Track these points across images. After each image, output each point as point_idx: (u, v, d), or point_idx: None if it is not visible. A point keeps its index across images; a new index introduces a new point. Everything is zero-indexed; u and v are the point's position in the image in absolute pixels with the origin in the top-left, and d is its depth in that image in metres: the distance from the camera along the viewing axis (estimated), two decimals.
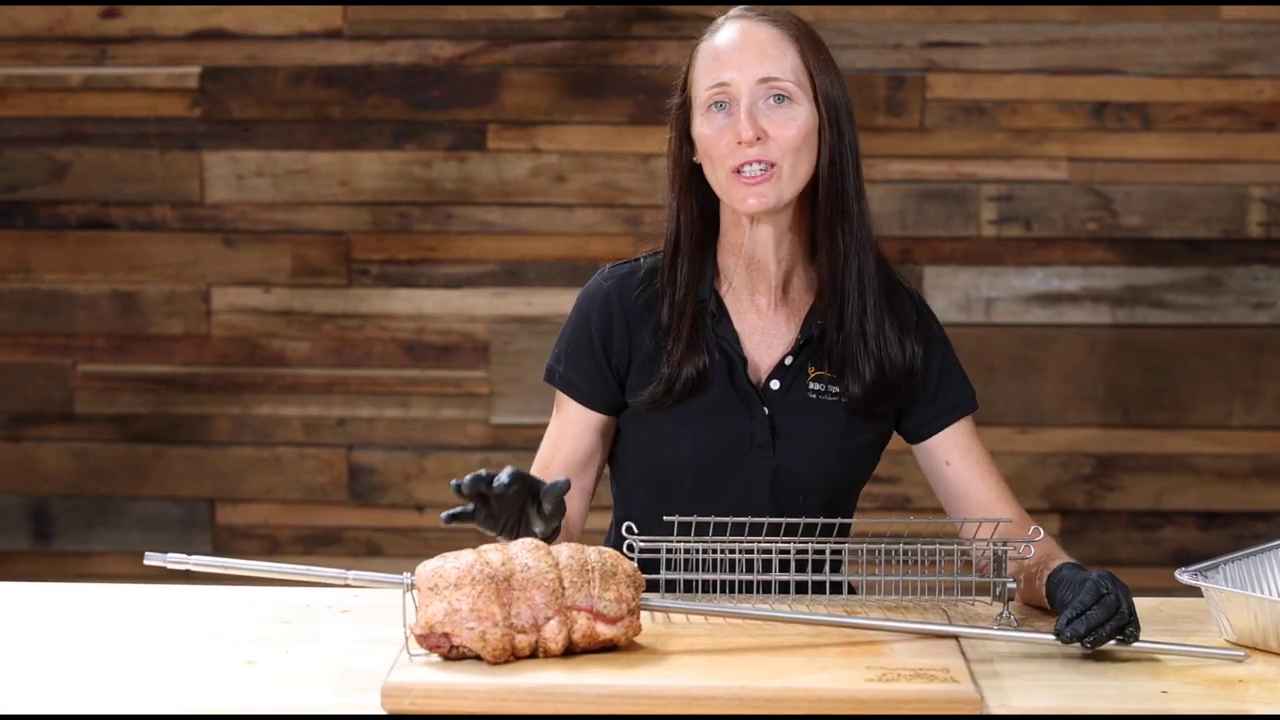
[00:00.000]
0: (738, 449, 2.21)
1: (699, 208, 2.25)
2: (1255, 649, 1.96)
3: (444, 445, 4.04)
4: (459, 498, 1.97)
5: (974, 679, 1.81)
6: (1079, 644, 1.90)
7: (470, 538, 2.02)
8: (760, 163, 2.14)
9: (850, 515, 2.27)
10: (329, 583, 1.92)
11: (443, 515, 1.99)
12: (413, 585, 1.87)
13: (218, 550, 4.02)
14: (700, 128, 2.19)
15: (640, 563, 2.00)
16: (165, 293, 4.05)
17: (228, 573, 1.92)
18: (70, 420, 4.08)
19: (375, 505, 4.06)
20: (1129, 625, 1.91)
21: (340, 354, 4.04)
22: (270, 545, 4.06)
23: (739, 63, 2.16)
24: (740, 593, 2.06)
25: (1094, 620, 1.89)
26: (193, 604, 2.14)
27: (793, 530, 2.07)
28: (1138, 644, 1.92)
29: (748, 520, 2.06)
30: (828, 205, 2.20)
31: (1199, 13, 3.90)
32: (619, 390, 2.25)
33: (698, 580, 2.06)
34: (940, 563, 2.07)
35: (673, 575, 2.06)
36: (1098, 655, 1.93)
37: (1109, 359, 3.97)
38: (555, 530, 2.04)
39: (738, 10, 2.22)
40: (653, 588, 2.02)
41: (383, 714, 1.76)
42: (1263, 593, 2.04)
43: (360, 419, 4.05)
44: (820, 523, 2.07)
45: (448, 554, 1.89)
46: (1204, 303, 3.95)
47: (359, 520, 4.07)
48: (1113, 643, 1.91)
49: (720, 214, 2.25)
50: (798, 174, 2.17)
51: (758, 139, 2.14)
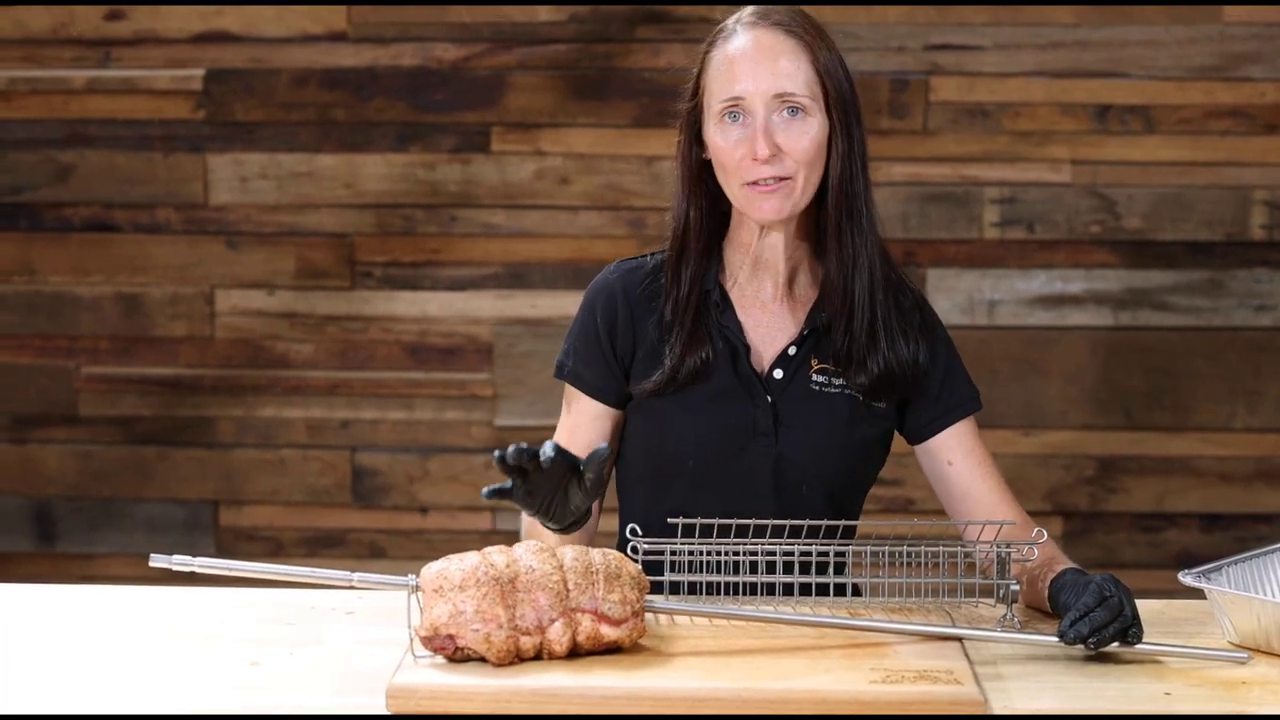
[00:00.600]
0: (740, 437, 2.21)
1: (708, 204, 2.25)
2: (1258, 651, 1.96)
3: (448, 447, 4.04)
4: (501, 470, 1.95)
5: (978, 681, 1.81)
6: (1082, 646, 1.90)
7: (475, 540, 2.02)
8: (772, 176, 2.16)
9: (856, 516, 2.27)
10: (333, 584, 1.92)
11: (484, 490, 1.99)
12: (417, 587, 1.88)
13: (221, 552, 4.02)
14: (714, 137, 2.19)
15: (644, 565, 2.01)
16: (169, 295, 4.05)
17: (232, 574, 1.92)
18: (74, 422, 4.09)
19: (379, 507, 4.06)
20: (1132, 627, 1.91)
21: (344, 356, 4.04)
22: (274, 547, 4.06)
23: (754, 75, 2.16)
24: (744, 595, 2.06)
25: (1097, 622, 1.90)
26: (196, 606, 2.14)
27: (796, 532, 2.08)
28: (1141, 646, 1.92)
29: (751, 522, 2.07)
30: (837, 210, 2.21)
31: (1201, 15, 3.90)
32: (625, 382, 2.26)
33: (702, 582, 2.06)
34: (944, 565, 2.07)
35: (677, 577, 2.06)
36: (1101, 657, 1.93)
37: (1111, 361, 3.97)
38: (586, 514, 2.04)
39: (749, 15, 2.21)
40: (657, 589, 2.03)
41: (387, 715, 1.77)
42: (1266, 595, 2.04)
43: (364, 421, 4.05)
44: (824, 525, 2.07)
45: (452, 556, 1.89)
46: (1206, 305, 3.95)
47: (362, 522, 4.07)
48: (1116, 645, 1.92)
49: (731, 213, 2.26)
50: (811, 184, 2.19)
51: (772, 155, 2.15)
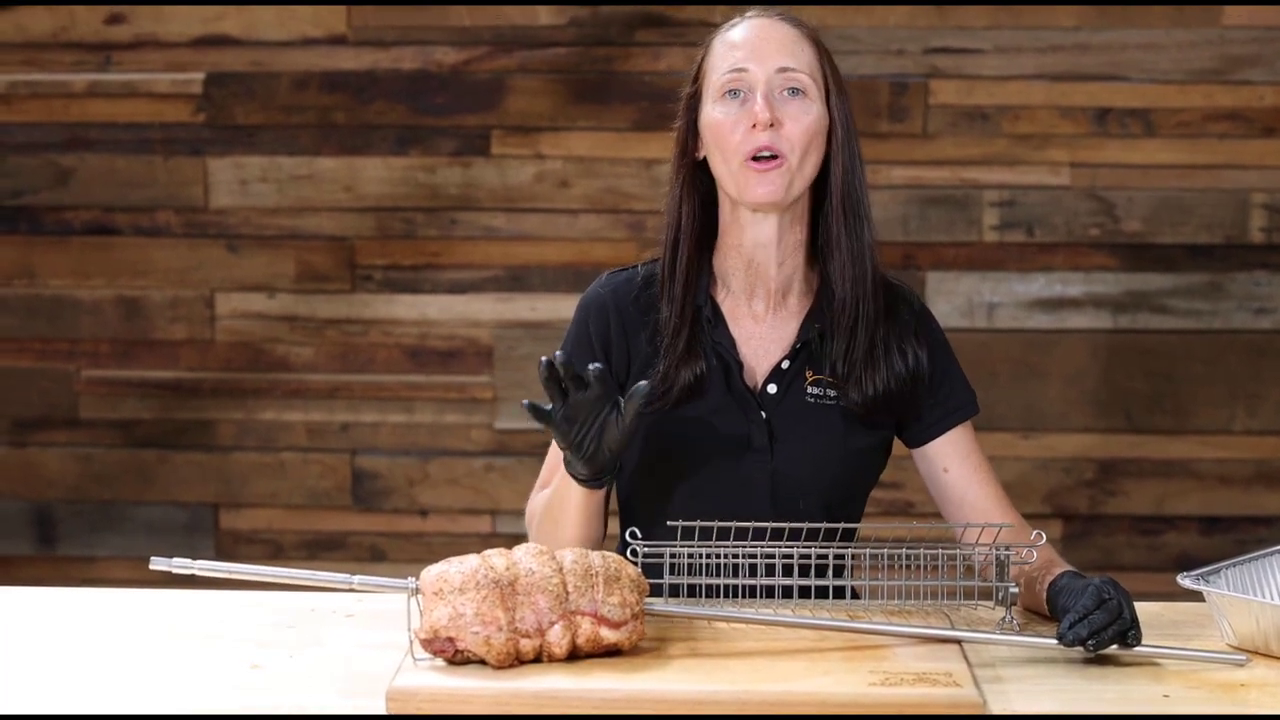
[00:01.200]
0: (735, 453, 2.21)
1: (700, 203, 2.25)
2: (1257, 653, 1.96)
3: (447, 450, 4.04)
4: (545, 384, 1.99)
5: (977, 683, 1.82)
6: (1081, 648, 1.90)
7: (474, 543, 2.03)
8: (770, 150, 2.15)
9: (856, 520, 2.27)
10: (334, 587, 1.92)
11: (525, 402, 2.02)
12: (417, 590, 1.88)
13: (221, 555, 4.02)
14: (712, 113, 2.18)
15: (644, 567, 2.01)
16: (169, 298, 4.06)
17: (233, 577, 1.92)
18: (74, 425, 4.09)
19: (379, 510, 4.06)
20: (1131, 630, 1.92)
21: (344, 359, 4.05)
22: (274, 550, 4.06)
23: (758, 53, 2.17)
24: (743, 597, 2.07)
25: (1096, 624, 1.90)
26: (196, 608, 2.14)
27: (796, 535, 2.08)
28: (1140, 648, 1.92)
29: (751, 525, 2.07)
30: (842, 206, 2.20)
31: (1201, 19, 3.90)
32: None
33: (701, 585, 2.07)
34: (943, 568, 2.07)
35: (676, 580, 2.06)
36: (1100, 659, 1.93)
37: (1111, 364, 3.97)
38: (614, 466, 2.08)
39: (754, 11, 2.23)
40: (656, 592, 2.03)
41: (387, 717, 1.77)
42: (1264, 597, 2.04)
43: (364, 424, 4.05)
44: (823, 528, 2.07)
45: (452, 559, 1.90)
46: (1206, 308, 3.95)
47: (362, 525, 4.07)
48: (1115, 647, 1.92)
49: (719, 215, 2.25)
50: (805, 170, 2.18)
51: (771, 125, 2.14)
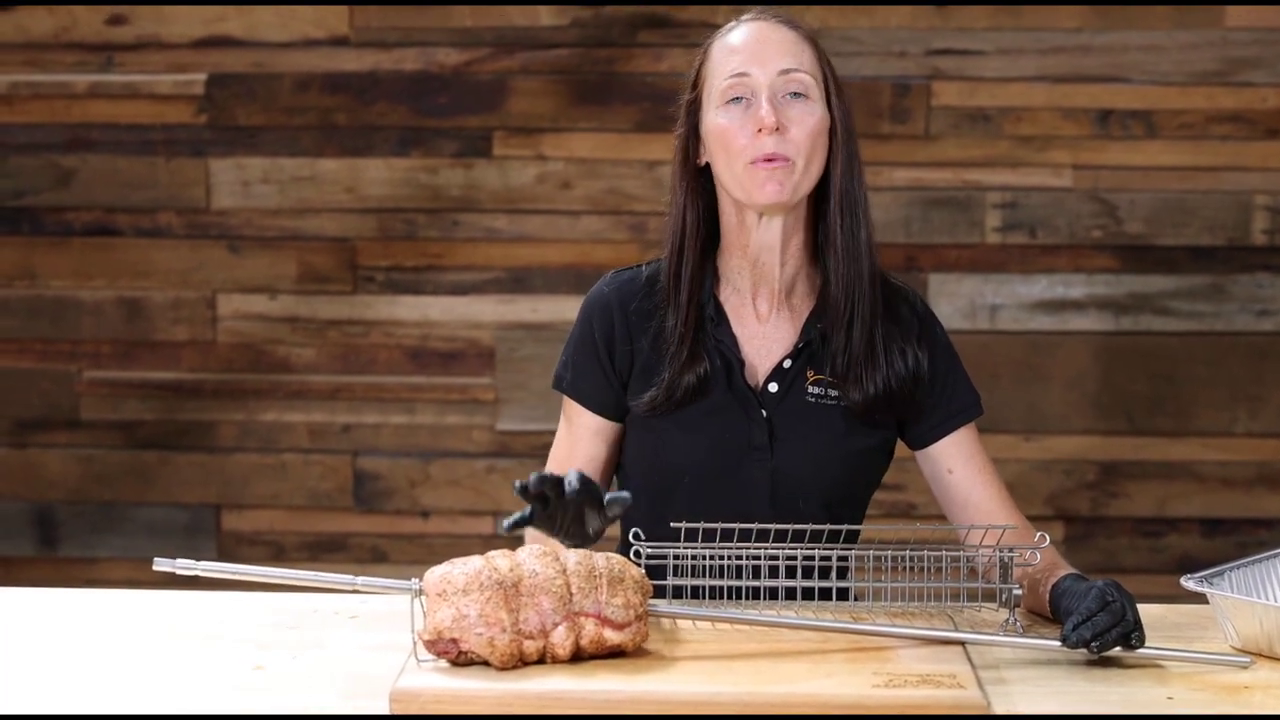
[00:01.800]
0: (736, 452, 2.21)
1: (703, 208, 2.25)
2: (1260, 655, 1.96)
3: (449, 452, 4.04)
4: (522, 498, 1.95)
5: (980, 685, 1.81)
6: (1085, 650, 1.90)
7: (476, 544, 2.02)
8: (776, 155, 2.14)
9: (858, 521, 2.27)
10: (337, 588, 1.92)
11: (504, 524, 1.97)
12: (421, 591, 1.88)
13: (223, 556, 4.02)
14: (716, 119, 2.18)
15: (647, 569, 2.00)
16: (171, 299, 4.05)
17: (237, 578, 1.92)
18: (76, 426, 4.09)
19: (380, 511, 4.06)
20: (1135, 632, 1.91)
21: (346, 360, 4.05)
22: (275, 551, 4.06)
23: (759, 57, 2.16)
24: (747, 599, 2.06)
25: (1100, 626, 1.90)
26: (198, 609, 2.14)
27: (799, 536, 2.08)
28: (1143, 650, 1.92)
29: (754, 526, 2.06)
30: (840, 206, 2.20)
31: (1203, 21, 3.90)
32: (624, 394, 2.25)
33: (705, 586, 2.06)
34: (946, 569, 2.07)
35: (680, 581, 2.06)
36: (1103, 661, 1.93)
37: (1113, 366, 3.97)
38: (600, 534, 2.04)
39: (751, 14, 2.23)
40: (660, 593, 2.03)
41: (391, 718, 1.77)
42: (1268, 599, 2.04)
43: (365, 425, 4.05)
44: (827, 529, 2.07)
45: (456, 560, 1.89)
46: (1208, 310, 3.95)
47: (364, 526, 4.07)
48: (1118, 649, 1.92)
49: (722, 219, 2.25)
50: (810, 171, 2.17)
51: (777, 129, 2.14)
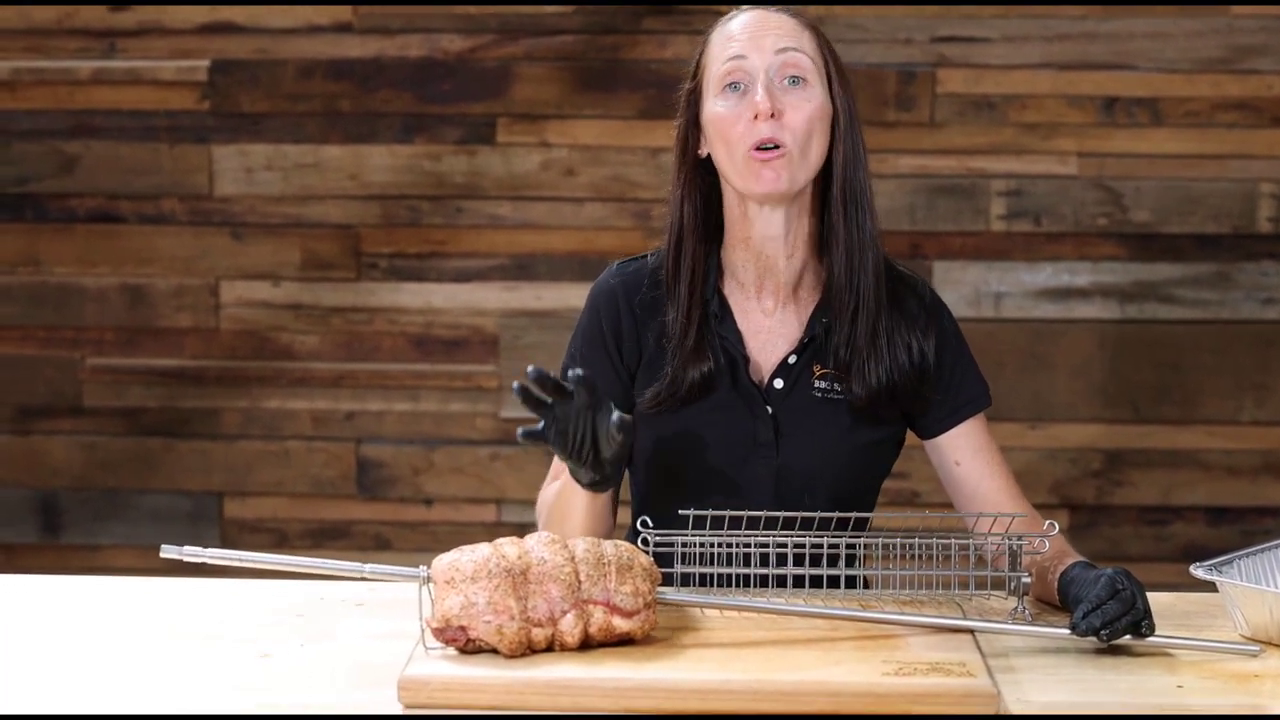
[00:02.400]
0: (741, 449, 2.19)
1: (702, 200, 2.23)
2: (1270, 644, 1.96)
3: (452, 439, 4.04)
4: (524, 403, 1.95)
5: (990, 673, 1.81)
6: (1095, 638, 1.90)
7: (479, 532, 2.02)
8: (772, 140, 2.13)
9: (868, 511, 2.26)
10: (346, 576, 1.92)
11: (519, 432, 1.98)
12: (429, 578, 1.87)
13: (226, 543, 4.02)
14: (714, 107, 2.16)
15: (655, 556, 2.00)
16: (174, 286, 4.05)
17: (244, 565, 1.91)
18: (79, 413, 4.08)
19: (384, 499, 4.06)
20: (1144, 620, 1.91)
21: (349, 347, 4.04)
22: (279, 539, 4.06)
23: (757, 42, 2.15)
24: (756, 587, 2.06)
25: (1110, 614, 1.89)
26: (204, 598, 2.13)
27: (808, 524, 2.07)
28: (1153, 639, 1.92)
29: (763, 514, 2.06)
30: (842, 196, 2.18)
31: (1209, 8, 3.89)
32: (632, 387, 2.24)
33: (713, 574, 2.06)
34: (955, 558, 2.07)
35: (688, 569, 2.06)
36: (1113, 650, 1.93)
37: (1118, 354, 3.96)
38: (618, 471, 2.04)
39: (751, 3, 2.22)
40: (668, 581, 2.02)
41: (399, 714, 1.76)
42: (1277, 588, 2.04)
43: (369, 413, 4.05)
44: (836, 516, 2.06)
45: (464, 547, 1.89)
46: (1214, 298, 3.94)
47: (367, 514, 4.06)
48: (1128, 637, 1.91)
49: (725, 210, 2.23)
50: (809, 158, 2.15)
51: (773, 115, 2.12)
